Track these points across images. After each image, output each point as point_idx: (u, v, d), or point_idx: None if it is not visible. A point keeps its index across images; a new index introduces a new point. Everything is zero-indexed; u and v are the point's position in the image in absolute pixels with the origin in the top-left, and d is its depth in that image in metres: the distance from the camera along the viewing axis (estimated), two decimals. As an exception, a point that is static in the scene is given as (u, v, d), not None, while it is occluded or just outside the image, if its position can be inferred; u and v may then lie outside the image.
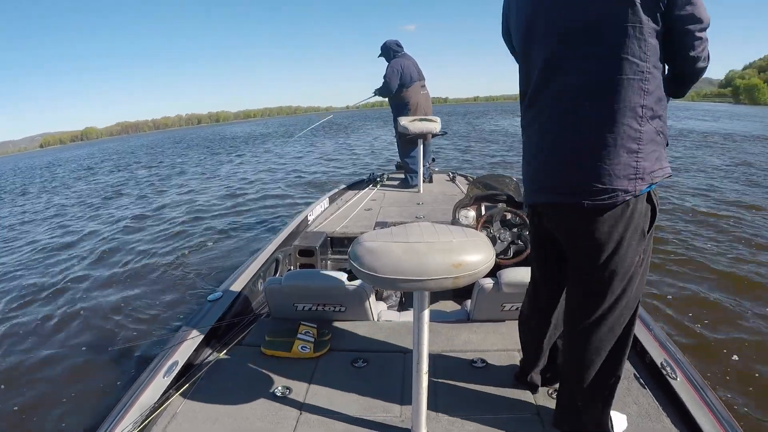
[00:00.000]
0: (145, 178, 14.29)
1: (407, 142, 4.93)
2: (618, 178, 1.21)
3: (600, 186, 1.23)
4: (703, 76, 1.31)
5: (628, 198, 1.22)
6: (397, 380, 1.77)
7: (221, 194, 9.92)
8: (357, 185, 5.24)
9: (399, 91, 5.05)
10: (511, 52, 1.58)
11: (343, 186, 5.17)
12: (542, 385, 1.67)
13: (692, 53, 1.17)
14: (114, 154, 31.46)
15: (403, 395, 1.67)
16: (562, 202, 1.32)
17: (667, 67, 1.26)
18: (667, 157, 1.30)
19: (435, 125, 4.72)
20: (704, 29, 1.15)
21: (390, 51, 5.06)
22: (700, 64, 1.21)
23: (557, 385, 1.64)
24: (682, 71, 1.24)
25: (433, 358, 1.87)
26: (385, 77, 4.99)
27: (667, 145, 1.31)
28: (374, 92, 5.26)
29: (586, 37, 1.21)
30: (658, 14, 1.14)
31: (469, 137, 18.84)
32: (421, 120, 4.76)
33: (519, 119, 1.48)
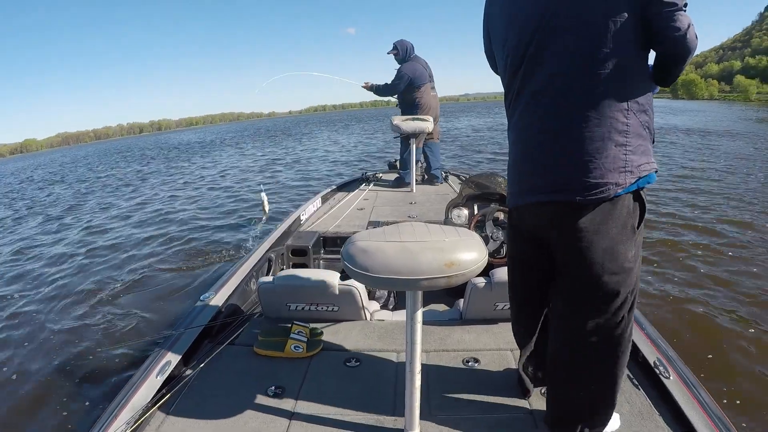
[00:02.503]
0: (123, 184, 14.21)
1: (409, 141, 4.97)
2: (609, 171, 1.21)
3: (591, 180, 1.22)
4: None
5: (619, 191, 1.22)
6: (390, 380, 1.76)
7: (210, 199, 9.91)
8: (350, 185, 5.24)
9: (411, 93, 5.13)
10: (486, 53, 1.59)
11: (336, 185, 5.16)
12: (536, 386, 1.65)
13: (677, 34, 1.15)
14: (81, 162, 30.49)
15: (396, 395, 1.66)
16: (553, 200, 1.30)
17: (655, 54, 1.25)
18: (653, 152, 1.29)
19: (428, 124, 4.73)
20: (680, 9, 1.14)
21: (406, 52, 5.12)
22: (688, 43, 1.17)
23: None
24: (674, 53, 1.21)
25: (425, 357, 1.87)
26: (396, 79, 5.08)
27: (654, 141, 1.30)
28: (373, 87, 5.33)
29: (570, 32, 1.21)
30: (638, 5, 1.14)
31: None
32: (413, 119, 4.76)
33: (459, 121, 1.47)
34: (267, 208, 5.54)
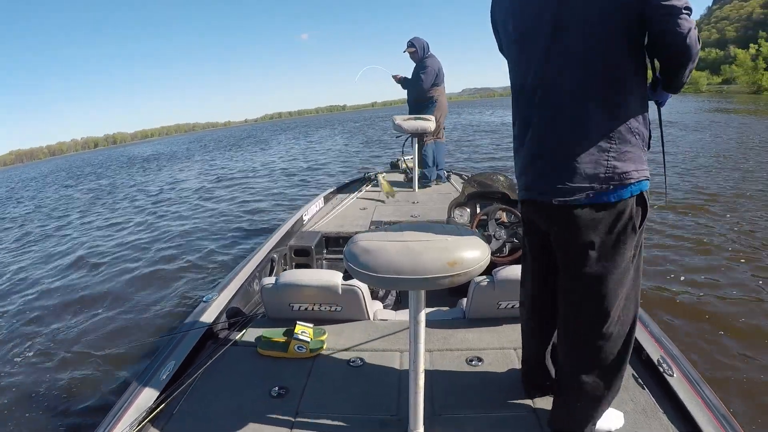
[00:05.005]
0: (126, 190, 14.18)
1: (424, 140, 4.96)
2: (587, 176, 1.20)
3: (569, 184, 1.22)
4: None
5: (596, 199, 1.20)
6: (394, 379, 1.76)
7: (211, 201, 9.91)
8: (352, 185, 5.23)
9: (430, 90, 5.07)
10: (498, 47, 1.58)
11: (338, 185, 5.16)
12: (544, 387, 1.63)
13: (676, 39, 1.11)
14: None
15: (400, 394, 1.66)
16: (539, 200, 1.32)
17: (658, 61, 1.23)
18: (646, 159, 1.26)
19: (430, 123, 4.71)
20: (681, 13, 1.09)
21: (424, 50, 5.03)
22: (689, 49, 1.12)
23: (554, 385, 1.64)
24: (673, 59, 1.17)
25: (429, 357, 1.87)
26: (422, 74, 4.96)
27: (649, 148, 1.28)
28: (402, 80, 5.25)
29: (563, 32, 1.20)
30: (637, 12, 1.12)
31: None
32: (416, 118, 4.76)
33: None
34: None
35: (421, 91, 5.06)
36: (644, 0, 1.10)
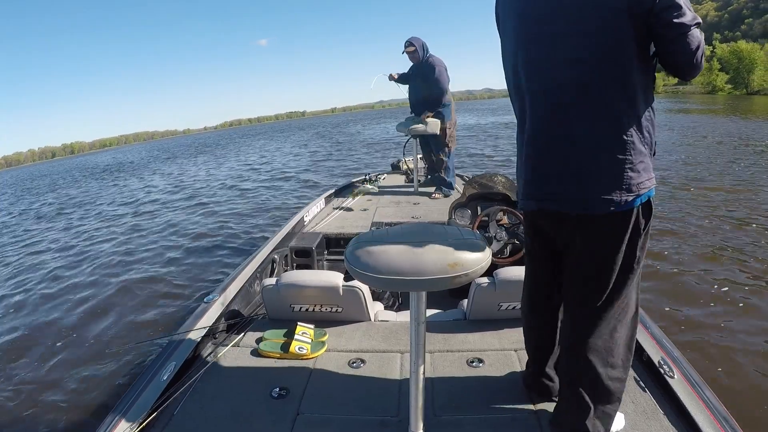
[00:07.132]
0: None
1: (440, 141, 4.88)
2: (606, 189, 1.20)
3: (588, 196, 1.22)
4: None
5: (613, 208, 1.20)
6: (395, 380, 1.77)
7: (211, 204, 9.89)
8: (353, 186, 5.23)
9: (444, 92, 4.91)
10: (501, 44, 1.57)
11: (339, 187, 5.16)
12: (545, 390, 1.62)
13: (685, 57, 1.14)
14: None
15: (401, 395, 1.66)
16: (551, 210, 1.32)
17: (663, 67, 1.23)
18: (653, 167, 1.27)
19: (433, 124, 4.69)
20: (690, 30, 1.10)
21: (425, 51, 4.77)
22: (696, 64, 1.15)
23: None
24: (681, 71, 1.19)
25: (430, 358, 1.87)
26: (439, 77, 4.69)
27: (654, 154, 1.28)
28: (399, 78, 5.05)
29: (570, 41, 1.20)
30: (646, 22, 1.11)
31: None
32: (420, 121, 4.73)
33: (379, 126, 1.44)
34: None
35: (436, 93, 4.78)
36: (654, 14, 1.09)
